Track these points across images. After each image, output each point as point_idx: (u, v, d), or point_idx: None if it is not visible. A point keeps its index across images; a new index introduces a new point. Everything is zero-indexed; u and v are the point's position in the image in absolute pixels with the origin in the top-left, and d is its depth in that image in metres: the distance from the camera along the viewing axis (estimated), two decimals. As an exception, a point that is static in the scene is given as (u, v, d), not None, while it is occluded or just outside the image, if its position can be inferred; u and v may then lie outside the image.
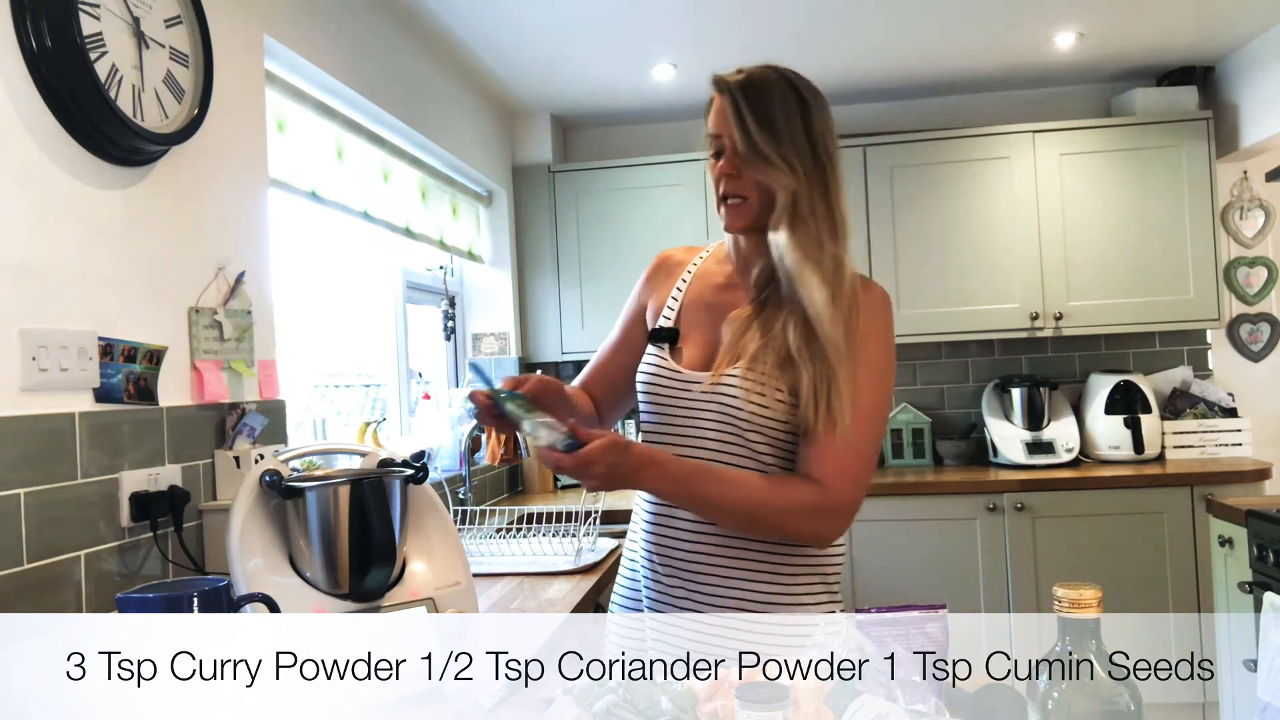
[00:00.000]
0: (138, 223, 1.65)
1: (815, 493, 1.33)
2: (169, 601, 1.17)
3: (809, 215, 1.35)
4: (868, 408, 1.35)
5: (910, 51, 3.54)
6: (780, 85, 1.38)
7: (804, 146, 1.36)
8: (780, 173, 1.35)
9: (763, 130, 1.35)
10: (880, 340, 1.38)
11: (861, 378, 1.34)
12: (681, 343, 1.48)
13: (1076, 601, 0.88)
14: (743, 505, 1.34)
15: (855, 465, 1.34)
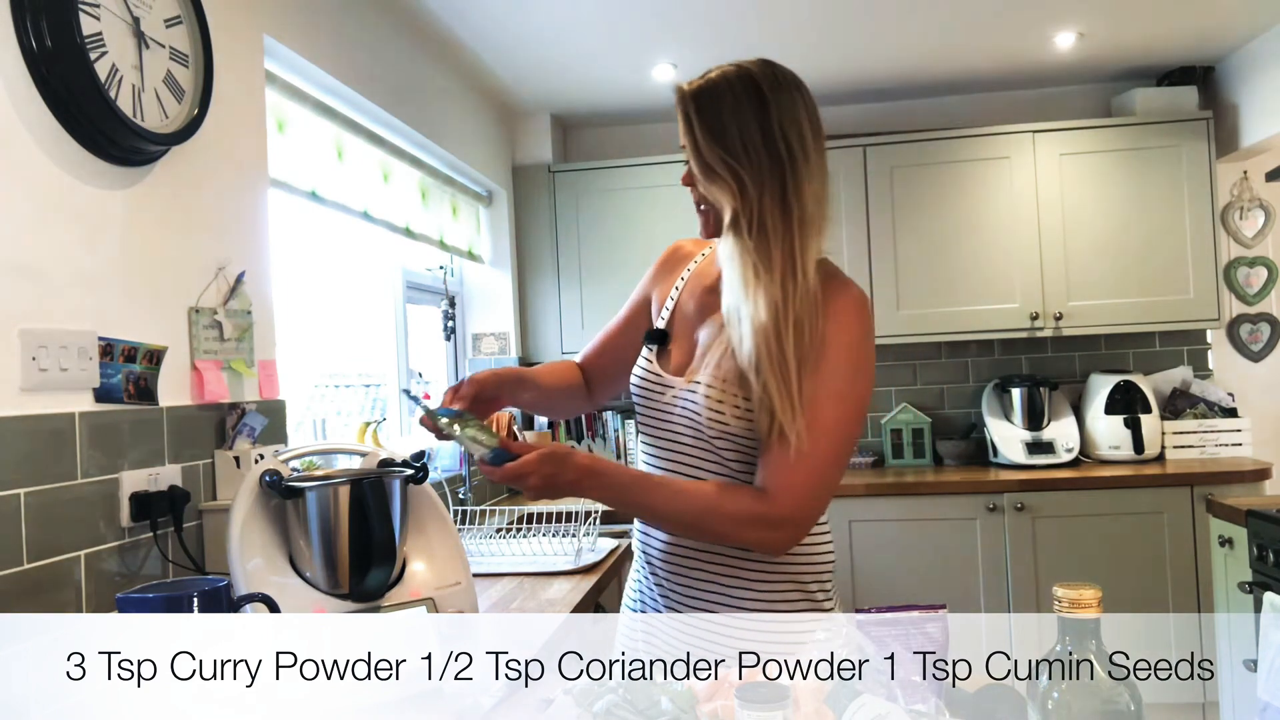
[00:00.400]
0: (138, 223, 1.65)
1: (760, 504, 1.30)
2: (169, 601, 1.17)
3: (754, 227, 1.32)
4: (828, 420, 1.29)
5: (911, 52, 3.54)
6: (737, 87, 1.33)
7: (758, 150, 1.32)
8: (724, 186, 1.33)
9: (710, 142, 1.32)
10: (846, 348, 1.32)
11: (821, 388, 1.29)
12: (670, 344, 1.48)
13: (1076, 601, 0.88)
14: (684, 515, 1.32)
15: (807, 478, 1.29)
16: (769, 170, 1.32)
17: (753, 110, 1.32)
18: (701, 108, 1.34)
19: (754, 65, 1.36)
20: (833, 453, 1.31)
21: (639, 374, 1.49)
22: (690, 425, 1.39)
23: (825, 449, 1.30)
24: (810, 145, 1.34)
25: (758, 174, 1.31)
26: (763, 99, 1.33)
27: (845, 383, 1.31)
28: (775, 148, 1.32)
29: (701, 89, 1.35)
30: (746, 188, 1.32)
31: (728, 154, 1.32)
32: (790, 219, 1.31)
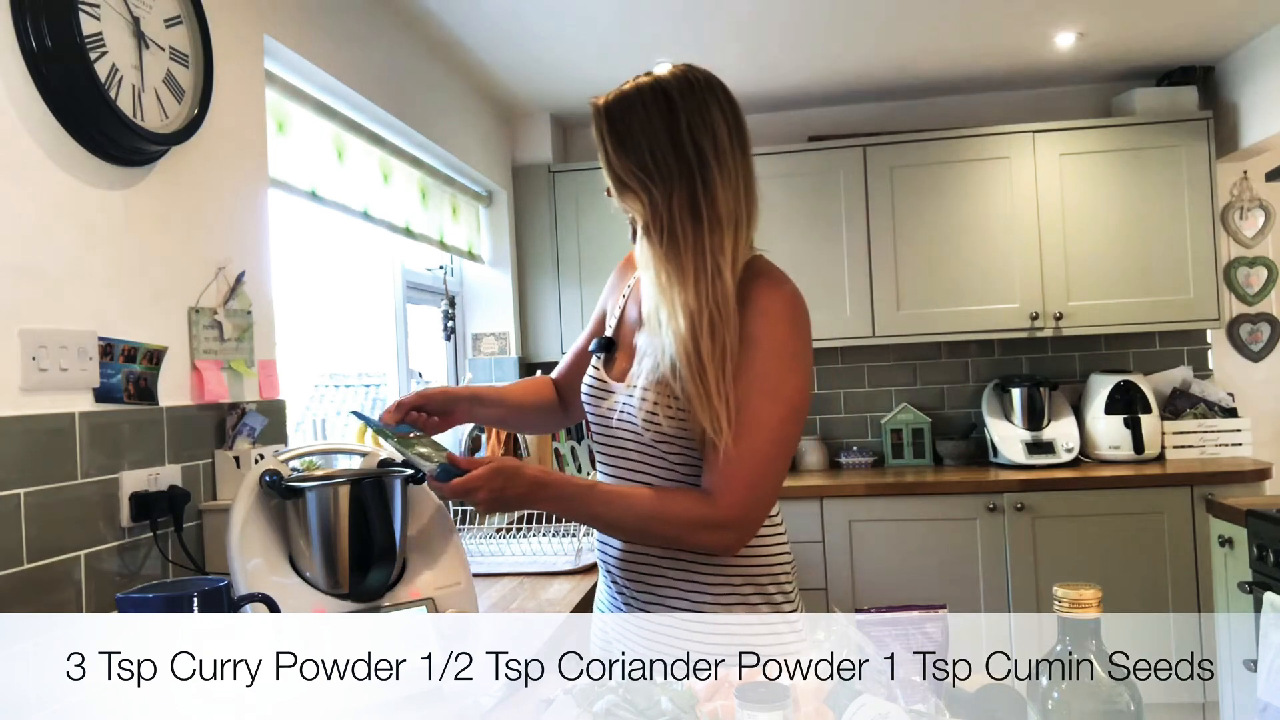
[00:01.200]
0: (138, 223, 1.65)
1: (703, 506, 1.30)
2: (169, 601, 1.17)
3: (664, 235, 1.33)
4: (762, 418, 1.29)
5: (911, 51, 3.54)
6: (647, 97, 1.35)
7: (667, 158, 1.33)
8: (634, 198, 1.36)
9: (620, 155, 1.35)
10: (774, 345, 1.31)
11: (752, 387, 1.29)
12: (617, 352, 1.49)
13: (1076, 601, 0.88)
14: (633, 522, 1.33)
15: (747, 478, 1.29)
16: (679, 177, 1.34)
17: (661, 119, 1.34)
18: (612, 122, 1.37)
19: (669, 73, 1.38)
20: (770, 451, 1.30)
21: (587, 382, 1.51)
22: (631, 430, 1.41)
23: (762, 448, 1.29)
24: (726, 147, 1.36)
25: (667, 182, 1.34)
26: (672, 106, 1.34)
27: (776, 380, 1.30)
28: (685, 154, 1.33)
29: (612, 103, 1.38)
30: (655, 197, 1.34)
31: (637, 166, 1.34)
32: (701, 223, 1.33)
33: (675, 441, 1.36)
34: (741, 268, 1.35)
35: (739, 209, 1.37)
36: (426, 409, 1.49)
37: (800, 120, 4.12)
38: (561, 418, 1.70)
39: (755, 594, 1.39)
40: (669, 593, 1.41)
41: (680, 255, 1.33)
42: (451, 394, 1.54)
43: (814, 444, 4.03)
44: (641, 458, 1.41)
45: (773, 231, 3.92)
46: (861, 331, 3.83)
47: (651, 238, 1.35)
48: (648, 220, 1.36)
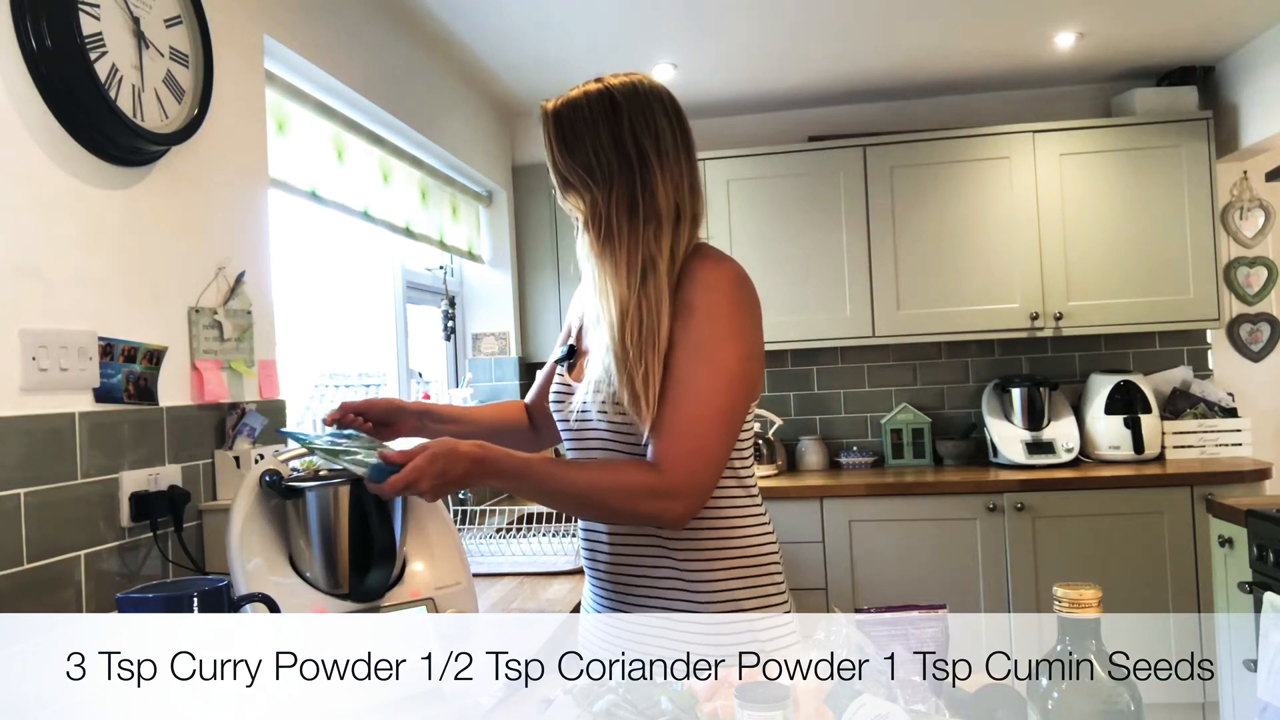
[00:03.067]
0: (138, 223, 1.65)
1: (650, 475, 1.31)
2: (169, 601, 1.17)
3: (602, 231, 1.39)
4: (700, 385, 1.31)
5: (911, 51, 3.54)
6: (593, 100, 1.41)
7: (608, 158, 1.38)
8: (576, 196, 1.41)
9: (564, 155, 1.40)
10: (711, 313, 1.33)
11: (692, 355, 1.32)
12: (579, 358, 1.51)
13: (1076, 601, 0.88)
14: (578, 491, 1.32)
15: (688, 444, 1.30)
16: (619, 176, 1.39)
17: (605, 120, 1.40)
18: (559, 123, 1.42)
19: (616, 80, 1.44)
20: (711, 417, 1.32)
21: (553, 389, 1.53)
22: (590, 425, 1.43)
23: (703, 413, 1.31)
24: (669, 148, 1.40)
25: (607, 181, 1.39)
26: (616, 108, 1.40)
27: (712, 347, 1.32)
28: (626, 153, 1.38)
29: (560, 107, 1.43)
30: (595, 196, 1.40)
31: (580, 165, 1.40)
32: (637, 218, 1.37)
33: (628, 429, 1.37)
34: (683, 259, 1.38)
35: (681, 205, 1.40)
36: (368, 415, 1.51)
37: (800, 120, 4.11)
38: (530, 440, 1.70)
39: (746, 593, 1.39)
40: (655, 593, 1.41)
41: (615, 249, 1.38)
42: (397, 405, 1.55)
43: (814, 444, 4.03)
44: (605, 452, 1.42)
45: (773, 231, 3.94)
46: (861, 331, 3.83)
47: (590, 233, 1.41)
48: (588, 217, 1.41)
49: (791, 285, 3.82)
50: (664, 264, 1.36)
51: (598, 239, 1.39)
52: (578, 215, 1.44)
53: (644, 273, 1.36)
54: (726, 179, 3.82)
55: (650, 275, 1.35)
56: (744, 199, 3.84)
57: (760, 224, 3.82)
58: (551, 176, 1.45)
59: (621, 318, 1.34)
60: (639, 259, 1.36)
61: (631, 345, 1.33)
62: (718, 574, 1.39)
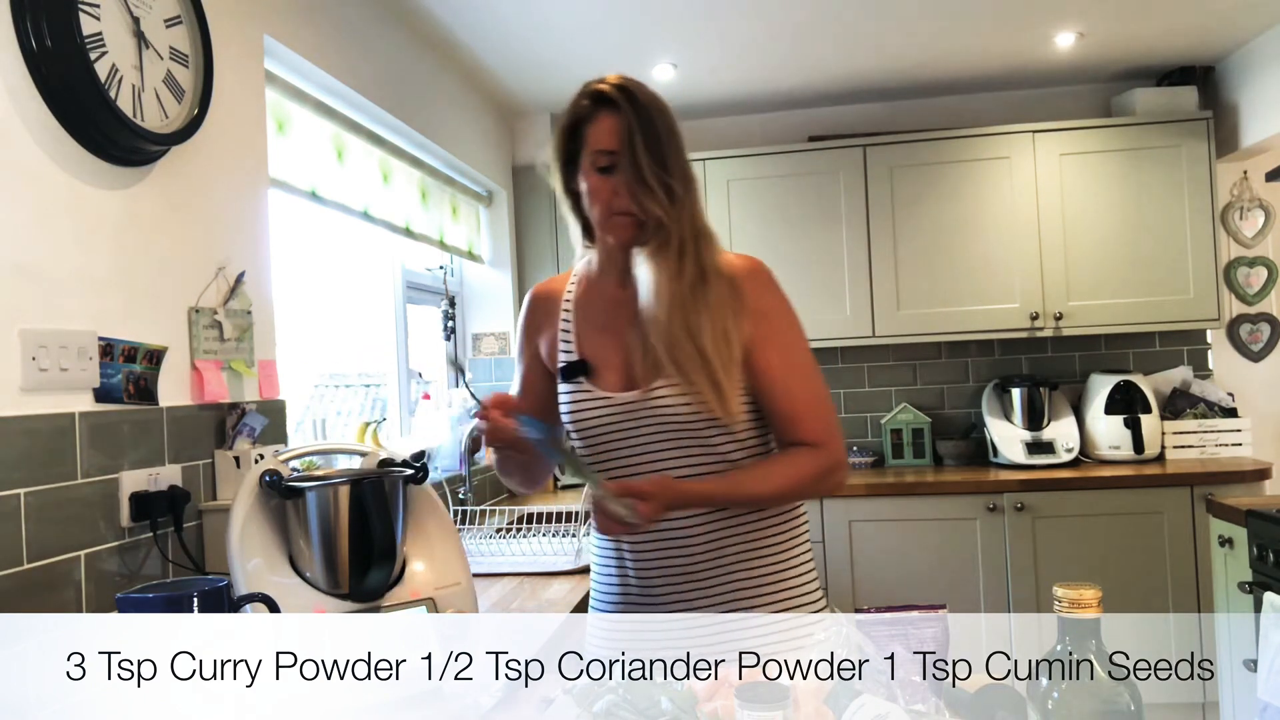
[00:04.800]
0: (138, 223, 1.65)
1: (820, 455, 1.44)
2: (169, 601, 1.17)
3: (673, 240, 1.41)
4: (806, 374, 1.47)
5: (910, 51, 3.54)
6: (661, 108, 1.44)
7: (678, 171, 1.42)
8: (656, 200, 1.40)
9: (652, 159, 1.40)
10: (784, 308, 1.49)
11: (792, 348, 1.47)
12: (596, 370, 1.49)
13: (1076, 601, 0.88)
14: (773, 494, 1.44)
15: (829, 420, 1.47)
16: (684, 186, 1.43)
17: (674, 133, 1.44)
18: (644, 123, 1.41)
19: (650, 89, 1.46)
20: (827, 395, 1.50)
21: (579, 407, 1.48)
22: (668, 427, 1.42)
23: (822, 393, 1.49)
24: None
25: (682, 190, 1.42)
26: (673, 117, 1.45)
27: (796, 339, 1.49)
28: (687, 169, 1.45)
29: (639, 104, 1.42)
30: (676, 202, 1.41)
31: (663, 169, 1.40)
32: (698, 230, 1.44)
33: (712, 424, 1.42)
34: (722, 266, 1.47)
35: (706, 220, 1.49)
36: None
37: (800, 120, 4.11)
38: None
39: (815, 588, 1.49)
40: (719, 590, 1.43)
41: (684, 261, 1.42)
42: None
43: (814, 444, 4.02)
44: (686, 451, 1.43)
45: (773, 232, 3.94)
46: (861, 331, 3.83)
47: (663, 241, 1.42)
48: (662, 222, 1.41)
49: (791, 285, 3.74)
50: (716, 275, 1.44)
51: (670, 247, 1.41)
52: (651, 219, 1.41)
53: (708, 282, 1.42)
54: (726, 179, 3.82)
55: (713, 284, 1.42)
56: (744, 199, 3.83)
57: (760, 224, 3.82)
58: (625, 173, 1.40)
59: (699, 325, 1.39)
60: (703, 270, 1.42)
61: (711, 354, 1.38)
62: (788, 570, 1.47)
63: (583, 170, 1.45)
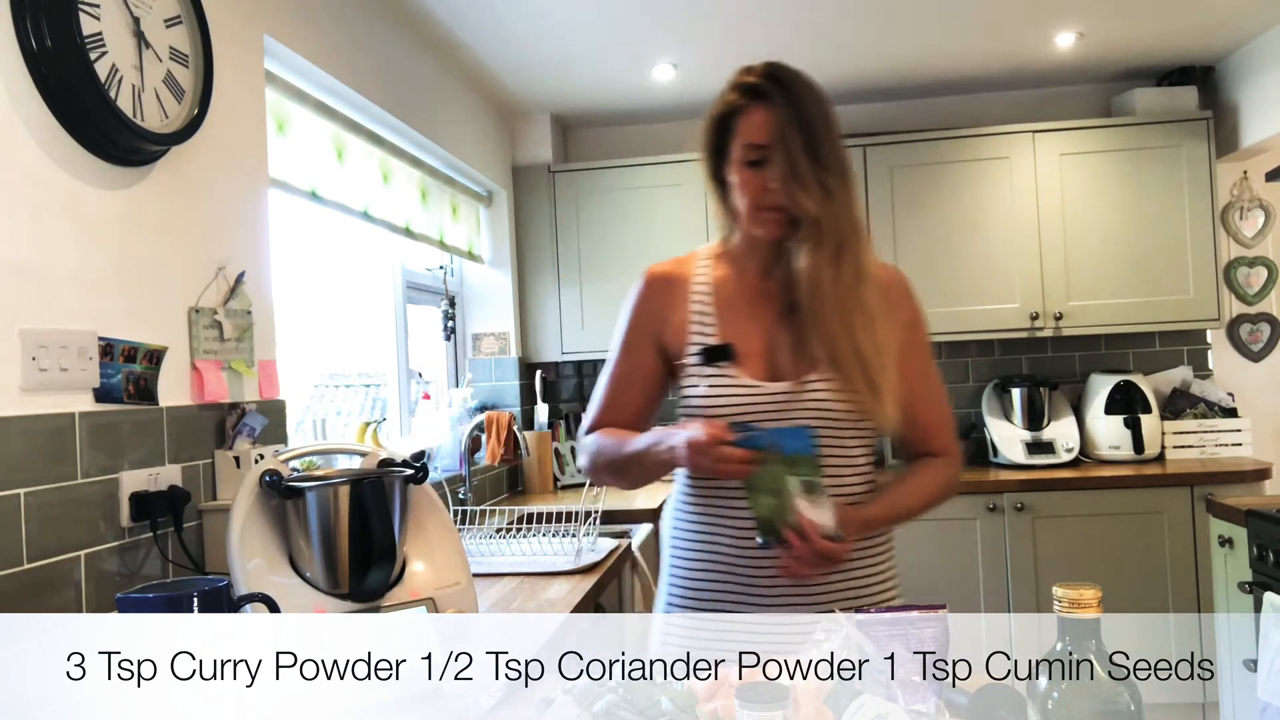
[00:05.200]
0: (138, 223, 1.65)
1: (949, 465, 1.54)
2: (169, 601, 1.17)
3: (831, 236, 1.39)
4: (939, 385, 1.55)
5: (910, 51, 3.54)
6: (819, 100, 1.41)
7: (836, 164, 1.40)
8: (813, 195, 1.37)
9: (809, 154, 1.37)
10: (924, 326, 1.54)
11: (925, 363, 1.52)
12: (740, 356, 1.46)
13: (1076, 601, 0.88)
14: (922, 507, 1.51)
15: (954, 433, 1.57)
16: (841, 181, 1.40)
17: (833, 126, 1.42)
18: (802, 118, 1.38)
19: (807, 77, 1.44)
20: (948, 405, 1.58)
21: (727, 392, 1.45)
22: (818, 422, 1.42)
23: (949, 407, 1.58)
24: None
25: (837, 185, 1.39)
26: (831, 111, 1.42)
27: (930, 351, 1.55)
28: (843, 159, 1.42)
29: (795, 98, 1.39)
30: (832, 198, 1.38)
31: (819, 164, 1.37)
32: (856, 227, 1.43)
33: (859, 425, 1.46)
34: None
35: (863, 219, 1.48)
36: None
37: (800, 120, 4.11)
38: None
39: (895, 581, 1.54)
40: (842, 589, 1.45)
41: (842, 257, 1.40)
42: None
43: (814, 444, 4.02)
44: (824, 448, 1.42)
45: (773, 231, 3.91)
46: (861, 331, 3.83)
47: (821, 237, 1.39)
48: (819, 218, 1.38)
49: (791, 285, 3.81)
50: (874, 272, 1.44)
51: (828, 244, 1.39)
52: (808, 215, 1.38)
53: (865, 284, 1.41)
54: (726, 179, 3.81)
55: (869, 287, 1.42)
56: (744, 199, 3.83)
57: (760, 224, 3.82)
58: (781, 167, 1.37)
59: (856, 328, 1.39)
60: (859, 268, 1.41)
61: (871, 354, 1.40)
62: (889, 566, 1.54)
63: (732, 162, 1.43)
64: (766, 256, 1.49)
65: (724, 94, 1.45)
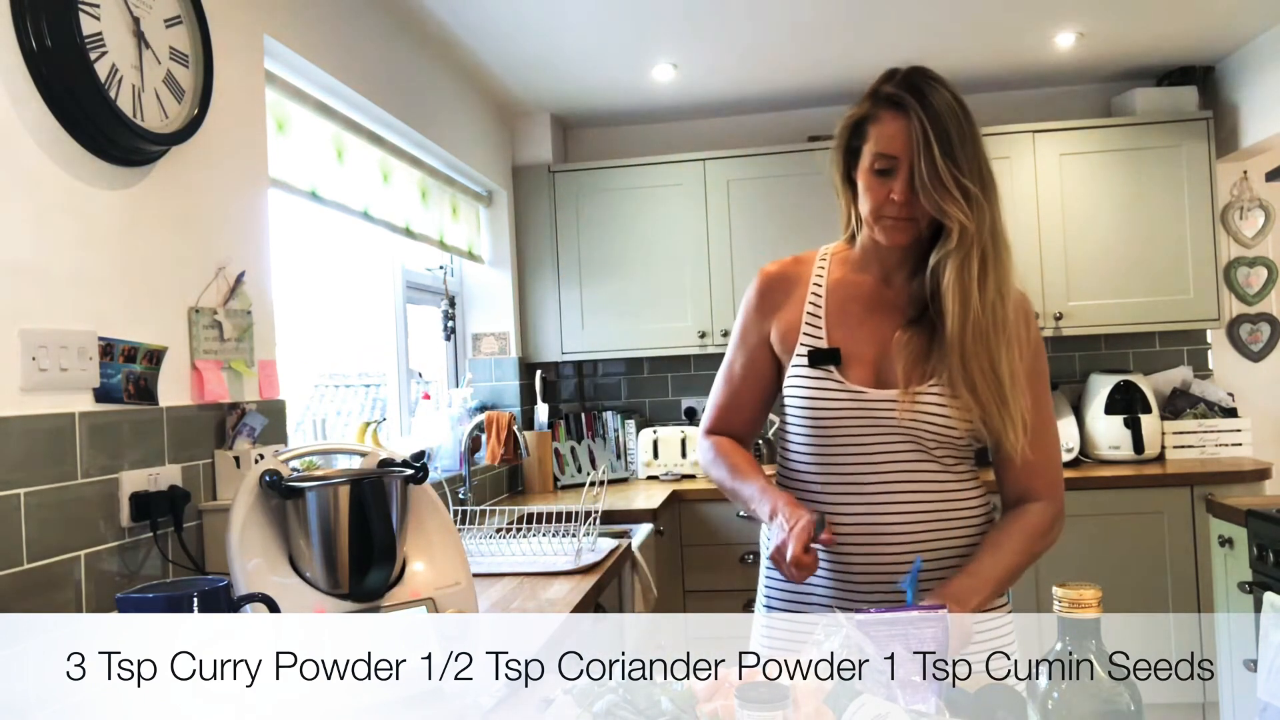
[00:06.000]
0: (138, 223, 1.65)
1: (1047, 511, 1.49)
2: (169, 601, 1.17)
3: (975, 249, 1.36)
4: (1051, 426, 1.48)
5: (911, 51, 3.53)
6: (958, 109, 1.36)
7: (978, 171, 1.37)
8: (956, 205, 1.34)
9: (948, 164, 1.34)
10: (1043, 348, 1.48)
11: (1042, 399, 1.45)
12: (846, 360, 1.45)
13: (1076, 601, 0.88)
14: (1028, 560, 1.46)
15: (1059, 476, 1.52)
16: (984, 190, 1.38)
17: (971, 136, 1.37)
18: (937, 127, 1.34)
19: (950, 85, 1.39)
20: (1059, 443, 1.52)
21: (823, 395, 1.44)
22: (917, 434, 1.41)
23: (1059, 449, 1.52)
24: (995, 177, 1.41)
25: (980, 197, 1.37)
26: (970, 115, 1.38)
27: (1047, 388, 1.48)
28: (985, 166, 1.39)
29: (931, 108, 1.35)
30: (975, 209, 1.36)
31: (961, 174, 1.34)
32: (1000, 244, 1.39)
33: (958, 443, 1.43)
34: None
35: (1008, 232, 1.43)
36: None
37: (800, 120, 4.11)
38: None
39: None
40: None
41: (986, 273, 1.37)
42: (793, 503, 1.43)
43: (814, 444, 4.02)
44: (916, 459, 1.42)
45: (773, 231, 3.93)
46: (861, 331, 3.83)
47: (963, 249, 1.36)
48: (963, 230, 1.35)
49: (791, 285, 3.81)
50: (1008, 295, 1.39)
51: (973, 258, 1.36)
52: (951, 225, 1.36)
53: (1005, 301, 1.38)
54: (726, 179, 3.82)
55: (1009, 304, 1.38)
56: (744, 199, 3.83)
57: (760, 224, 3.82)
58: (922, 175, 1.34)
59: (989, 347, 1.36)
60: (1002, 287, 1.38)
61: (1006, 378, 1.36)
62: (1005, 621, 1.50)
63: (862, 168, 1.42)
64: (889, 263, 1.48)
65: (863, 99, 1.44)
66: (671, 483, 3.79)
